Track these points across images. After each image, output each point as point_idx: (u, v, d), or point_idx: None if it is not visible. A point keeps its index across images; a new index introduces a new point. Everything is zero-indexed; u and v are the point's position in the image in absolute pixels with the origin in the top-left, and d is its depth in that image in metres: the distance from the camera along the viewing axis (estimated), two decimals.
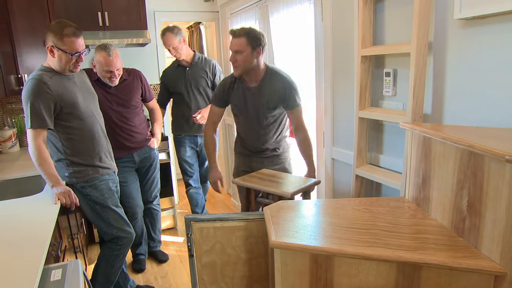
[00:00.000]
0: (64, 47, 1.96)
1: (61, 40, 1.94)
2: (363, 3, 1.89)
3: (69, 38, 1.95)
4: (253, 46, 2.15)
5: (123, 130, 2.70)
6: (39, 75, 1.98)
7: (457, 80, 1.57)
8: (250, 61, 2.18)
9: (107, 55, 2.46)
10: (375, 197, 1.68)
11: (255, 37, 2.14)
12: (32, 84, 1.94)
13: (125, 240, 2.33)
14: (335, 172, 2.43)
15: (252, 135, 2.39)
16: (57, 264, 1.49)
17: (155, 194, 3.07)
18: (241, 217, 1.68)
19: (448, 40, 1.58)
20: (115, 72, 2.53)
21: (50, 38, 1.96)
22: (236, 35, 2.16)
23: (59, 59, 1.99)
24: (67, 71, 2.06)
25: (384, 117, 1.89)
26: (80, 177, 2.14)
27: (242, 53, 2.15)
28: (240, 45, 2.15)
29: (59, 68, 2.04)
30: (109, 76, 2.54)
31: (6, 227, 1.61)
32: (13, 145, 3.18)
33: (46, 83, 1.96)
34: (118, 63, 2.53)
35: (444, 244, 1.22)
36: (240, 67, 2.20)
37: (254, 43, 2.14)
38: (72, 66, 2.03)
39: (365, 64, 1.96)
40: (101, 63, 2.49)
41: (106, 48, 2.46)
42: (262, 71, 2.26)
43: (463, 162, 1.22)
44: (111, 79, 2.56)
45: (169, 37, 3.10)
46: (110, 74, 2.53)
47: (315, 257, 1.25)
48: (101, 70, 2.52)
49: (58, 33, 1.94)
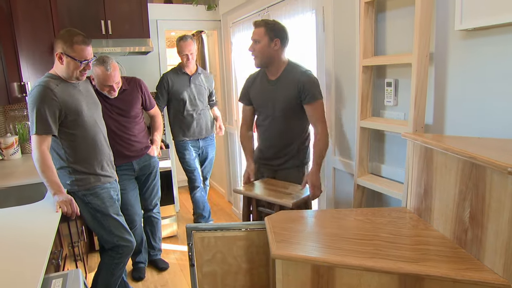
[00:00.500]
0: (73, 54, 2.00)
1: (70, 47, 1.99)
2: (364, 14, 1.90)
3: (79, 45, 2.00)
4: (271, 36, 2.14)
5: (122, 139, 2.70)
6: (46, 82, 2.00)
7: (458, 90, 1.57)
8: (267, 51, 2.17)
9: (105, 69, 2.46)
10: (376, 208, 1.67)
11: (273, 27, 2.15)
12: (38, 90, 1.96)
13: (126, 249, 2.32)
14: (337, 182, 2.43)
15: (269, 136, 2.33)
16: (58, 273, 1.49)
17: (155, 202, 3.06)
18: (242, 227, 1.68)
19: (449, 50, 1.59)
20: (114, 85, 2.54)
21: (59, 45, 2.00)
22: (256, 25, 2.19)
23: (67, 66, 2.02)
24: (74, 78, 2.08)
25: (385, 127, 1.89)
26: (82, 185, 2.14)
27: (260, 42, 2.16)
28: (258, 34, 2.16)
29: (66, 75, 2.06)
30: (108, 89, 2.55)
31: (7, 235, 1.60)
32: (15, 152, 3.19)
33: (52, 90, 1.98)
34: (116, 76, 2.53)
35: (446, 256, 1.22)
36: (258, 57, 2.20)
37: (272, 34, 2.14)
38: (79, 73, 2.06)
39: (366, 74, 1.97)
40: (99, 78, 2.49)
41: (104, 62, 2.46)
42: (282, 64, 2.24)
43: (465, 173, 1.22)
44: (110, 92, 2.57)
45: (191, 43, 3.37)
46: (109, 88, 2.54)
47: (317, 268, 1.25)
48: (99, 84, 2.53)
49: (68, 41, 1.98)
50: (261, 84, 2.33)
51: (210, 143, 3.74)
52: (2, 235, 1.60)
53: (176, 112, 3.49)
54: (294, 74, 2.20)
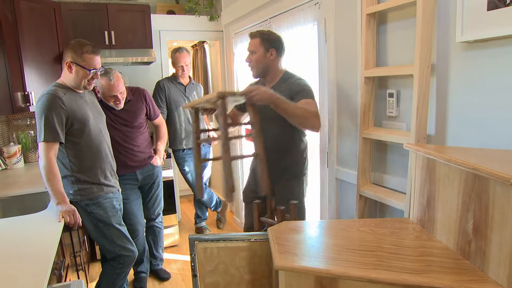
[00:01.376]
0: (83, 63, 2.04)
1: (80, 56, 2.04)
2: (366, 25, 1.92)
3: (88, 54, 2.05)
4: (266, 46, 2.15)
5: (126, 149, 2.71)
6: (54, 90, 2.02)
7: (460, 101, 1.58)
8: (263, 61, 2.18)
9: (108, 80, 2.49)
10: (379, 218, 1.67)
11: (268, 38, 2.16)
12: (46, 98, 1.99)
13: (128, 259, 2.32)
14: (339, 192, 2.43)
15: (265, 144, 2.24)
16: (60, 284, 1.49)
17: (158, 212, 3.06)
18: (245, 238, 1.68)
19: (450, 62, 1.60)
20: (118, 95, 2.57)
21: (69, 54, 2.04)
22: (251, 36, 2.20)
23: (76, 74, 2.06)
24: (82, 87, 2.12)
25: (387, 137, 1.89)
26: (85, 194, 2.15)
27: (256, 53, 2.17)
28: (253, 45, 2.18)
29: (74, 84, 2.09)
30: (113, 100, 2.57)
31: (10, 245, 1.60)
32: (18, 161, 3.20)
33: (61, 98, 2.01)
34: (120, 86, 2.56)
35: (449, 267, 1.21)
36: (254, 67, 2.21)
37: (268, 44, 2.15)
38: (87, 82, 2.10)
39: (368, 85, 1.98)
40: (104, 88, 2.52)
41: (106, 73, 2.49)
42: (279, 73, 2.24)
43: (468, 185, 1.22)
44: (115, 103, 2.59)
45: (186, 55, 3.51)
46: (114, 98, 2.57)
47: (320, 279, 1.25)
48: (104, 95, 2.56)
49: (78, 50, 2.03)
50: None
51: (208, 150, 3.83)
52: (5, 245, 1.60)
53: (174, 121, 3.55)
54: (288, 83, 2.19)
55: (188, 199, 5.14)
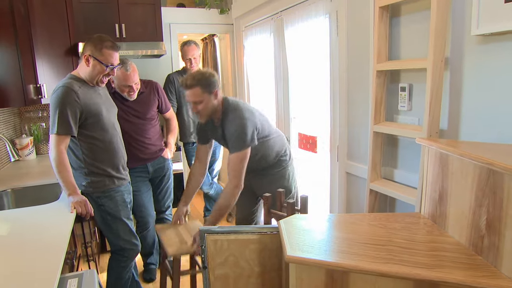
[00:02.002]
0: (101, 58, 2.05)
1: (99, 51, 2.04)
2: (379, 18, 1.90)
3: (108, 50, 2.06)
4: (209, 91, 2.08)
5: (138, 142, 2.73)
6: (69, 83, 2.03)
7: (474, 95, 1.56)
8: (211, 106, 2.12)
9: (125, 70, 2.51)
10: (390, 213, 1.67)
11: (207, 82, 2.07)
12: (62, 91, 2.00)
13: (131, 252, 2.35)
14: (349, 186, 2.42)
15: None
16: (73, 273, 1.51)
17: (168, 205, 3.08)
18: (255, 230, 1.68)
19: (465, 56, 1.58)
20: (133, 86, 2.59)
21: (88, 47, 2.05)
22: (188, 86, 2.07)
23: (93, 68, 2.07)
24: (95, 82, 2.12)
25: (399, 132, 1.88)
26: (97, 187, 2.16)
27: (202, 102, 2.09)
28: (196, 96, 2.07)
29: (89, 78, 2.10)
30: (127, 90, 2.59)
31: (24, 234, 1.63)
32: (30, 153, 3.23)
33: (76, 92, 2.02)
34: (136, 77, 2.58)
35: (462, 263, 1.20)
36: (204, 115, 2.15)
37: (209, 88, 2.07)
38: (102, 78, 2.11)
39: (380, 79, 1.96)
40: (119, 79, 2.54)
41: (123, 63, 2.51)
42: (220, 109, 2.17)
43: (482, 180, 1.21)
44: (129, 94, 2.61)
45: (194, 48, 3.48)
46: (128, 88, 2.58)
47: (331, 272, 1.25)
48: (119, 85, 2.58)
49: (98, 44, 2.04)
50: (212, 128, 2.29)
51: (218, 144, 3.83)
52: (19, 235, 1.62)
53: (183, 114, 3.56)
54: (226, 121, 2.15)
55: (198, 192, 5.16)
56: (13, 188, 2.42)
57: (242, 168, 2.12)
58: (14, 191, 2.42)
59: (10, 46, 2.53)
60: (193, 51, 3.47)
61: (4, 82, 2.53)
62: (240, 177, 2.12)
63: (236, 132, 2.10)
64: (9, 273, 1.29)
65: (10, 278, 1.26)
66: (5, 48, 2.52)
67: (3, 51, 2.51)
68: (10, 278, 1.26)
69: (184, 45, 3.49)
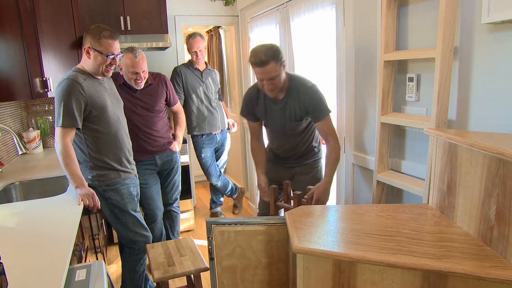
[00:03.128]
0: (101, 48, 2.04)
1: (98, 42, 2.03)
2: (386, 8, 1.87)
3: (106, 40, 2.04)
4: (282, 63, 2.05)
5: (146, 134, 2.74)
6: (74, 76, 2.03)
7: (484, 85, 1.54)
8: (282, 80, 2.10)
9: (134, 56, 2.52)
10: (398, 204, 1.65)
11: (279, 54, 2.02)
12: (67, 83, 2.00)
13: (142, 244, 2.37)
14: (356, 178, 2.41)
15: (279, 145, 2.36)
16: (82, 264, 1.52)
17: (175, 197, 3.10)
18: (262, 222, 1.68)
19: (474, 45, 1.55)
20: (141, 73, 2.58)
21: (88, 39, 2.04)
22: (264, 63, 1.98)
23: (94, 60, 2.06)
24: (100, 73, 2.12)
25: (407, 122, 1.86)
26: (103, 180, 2.17)
27: (277, 76, 2.03)
28: (274, 71, 2.01)
29: (92, 70, 2.10)
30: (135, 78, 2.59)
31: (32, 226, 1.64)
32: (37, 146, 3.25)
33: (81, 84, 2.02)
34: (144, 65, 2.59)
35: (470, 253, 1.20)
36: (277, 89, 2.10)
37: (282, 61, 2.04)
38: (105, 68, 2.10)
39: (387, 69, 1.94)
40: (127, 65, 2.54)
41: (132, 50, 2.53)
42: (285, 81, 2.15)
43: (492, 170, 1.19)
44: (136, 81, 2.61)
45: (200, 40, 3.50)
46: (136, 76, 2.58)
47: (339, 263, 1.24)
48: (127, 72, 2.58)
49: (96, 35, 2.03)
50: (267, 104, 2.26)
51: (226, 136, 3.85)
52: (28, 226, 1.64)
53: (192, 106, 3.56)
54: (299, 92, 2.14)
55: (203, 184, 5.19)
56: (21, 181, 2.44)
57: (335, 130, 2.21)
58: (22, 184, 2.44)
59: (16, 39, 2.53)
60: (199, 43, 3.48)
61: (10, 75, 2.54)
62: (337, 138, 2.19)
63: (315, 99, 2.13)
64: (19, 264, 1.30)
65: (20, 269, 1.27)
66: (11, 41, 2.52)
67: (10, 44, 2.51)
68: (19, 269, 1.27)
69: (189, 38, 3.49)
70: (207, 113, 3.64)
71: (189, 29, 5.30)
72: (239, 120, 4.40)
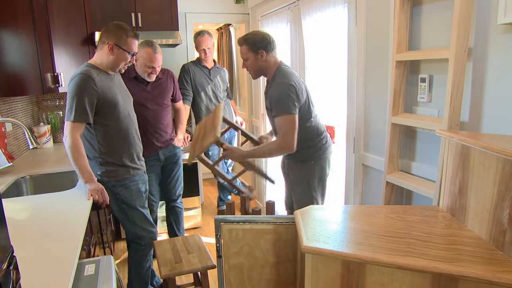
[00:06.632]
0: (126, 47, 2.09)
1: (125, 40, 2.08)
2: (399, 7, 1.86)
3: (132, 39, 2.11)
4: (254, 50, 2.17)
5: (154, 128, 2.79)
6: (87, 71, 2.04)
7: (498, 87, 1.52)
8: (257, 64, 2.21)
9: (153, 51, 2.57)
10: (408, 205, 1.64)
11: (254, 42, 2.17)
12: (80, 78, 2.01)
13: (149, 240, 2.38)
14: (365, 178, 2.40)
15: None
16: (91, 259, 1.53)
17: (179, 193, 3.12)
18: (271, 220, 1.68)
19: (489, 46, 1.53)
20: (156, 68, 2.65)
21: (112, 36, 2.07)
22: (239, 44, 2.24)
23: (117, 57, 2.09)
24: (117, 70, 2.16)
25: (418, 123, 1.84)
26: (112, 176, 2.18)
27: (248, 59, 2.23)
28: (243, 53, 2.23)
29: (111, 66, 2.13)
30: (150, 71, 2.65)
31: (42, 220, 1.66)
32: (47, 141, 3.28)
33: (94, 79, 2.03)
34: (160, 60, 2.66)
35: (482, 257, 1.18)
36: (251, 72, 2.27)
37: (255, 48, 2.17)
38: (123, 65, 2.15)
39: (399, 69, 1.93)
40: (145, 59, 2.59)
41: (152, 45, 2.58)
42: (274, 68, 2.23)
43: (505, 173, 1.17)
44: (150, 75, 2.67)
45: (208, 38, 3.49)
46: (151, 69, 2.64)
47: (347, 264, 1.24)
48: (143, 65, 2.63)
49: (124, 34, 2.08)
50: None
51: (234, 134, 3.85)
52: (38, 220, 1.65)
53: (200, 104, 3.57)
54: (272, 86, 2.19)
55: (211, 182, 5.20)
56: (32, 175, 2.47)
57: (290, 131, 2.07)
58: (33, 178, 2.47)
59: (29, 35, 2.55)
60: (207, 41, 3.48)
61: (23, 70, 2.56)
62: (287, 139, 2.07)
63: (276, 97, 2.12)
64: (29, 257, 1.31)
65: (30, 262, 1.28)
66: (24, 37, 2.54)
67: (22, 40, 2.53)
68: (29, 262, 1.28)
69: (197, 35, 3.49)
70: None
71: (200, 26, 5.31)
72: (247, 119, 4.40)
